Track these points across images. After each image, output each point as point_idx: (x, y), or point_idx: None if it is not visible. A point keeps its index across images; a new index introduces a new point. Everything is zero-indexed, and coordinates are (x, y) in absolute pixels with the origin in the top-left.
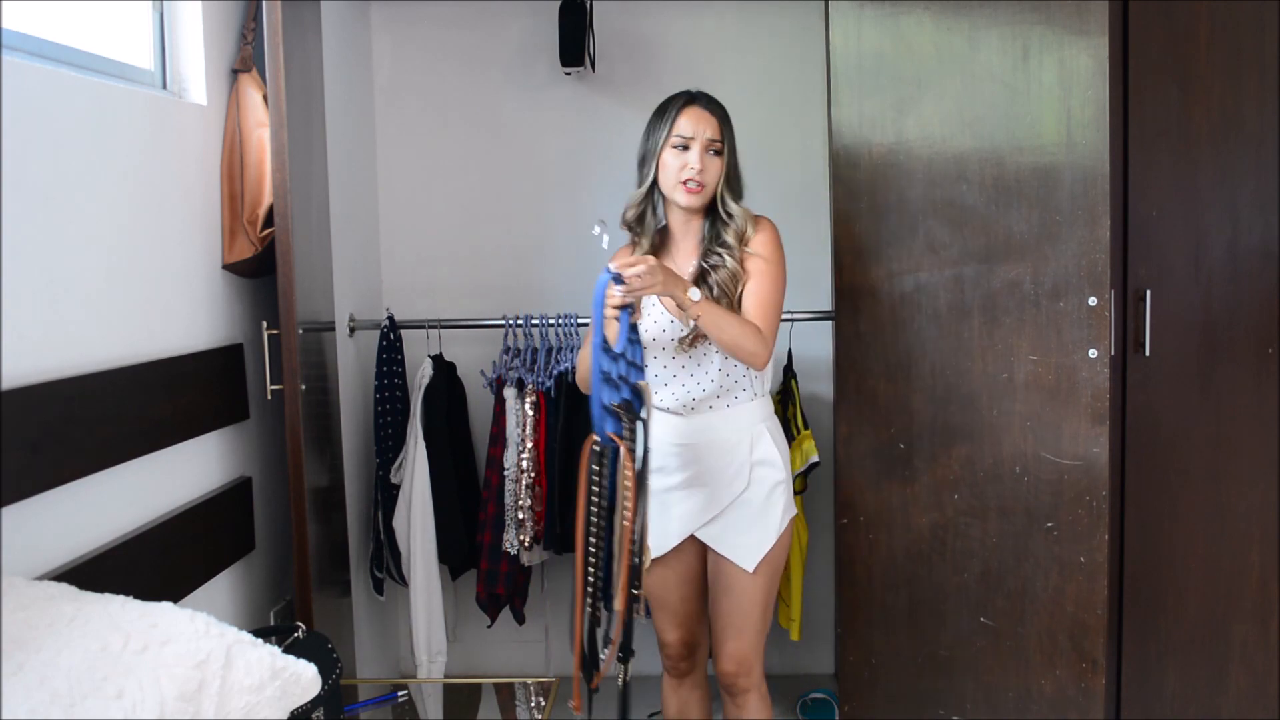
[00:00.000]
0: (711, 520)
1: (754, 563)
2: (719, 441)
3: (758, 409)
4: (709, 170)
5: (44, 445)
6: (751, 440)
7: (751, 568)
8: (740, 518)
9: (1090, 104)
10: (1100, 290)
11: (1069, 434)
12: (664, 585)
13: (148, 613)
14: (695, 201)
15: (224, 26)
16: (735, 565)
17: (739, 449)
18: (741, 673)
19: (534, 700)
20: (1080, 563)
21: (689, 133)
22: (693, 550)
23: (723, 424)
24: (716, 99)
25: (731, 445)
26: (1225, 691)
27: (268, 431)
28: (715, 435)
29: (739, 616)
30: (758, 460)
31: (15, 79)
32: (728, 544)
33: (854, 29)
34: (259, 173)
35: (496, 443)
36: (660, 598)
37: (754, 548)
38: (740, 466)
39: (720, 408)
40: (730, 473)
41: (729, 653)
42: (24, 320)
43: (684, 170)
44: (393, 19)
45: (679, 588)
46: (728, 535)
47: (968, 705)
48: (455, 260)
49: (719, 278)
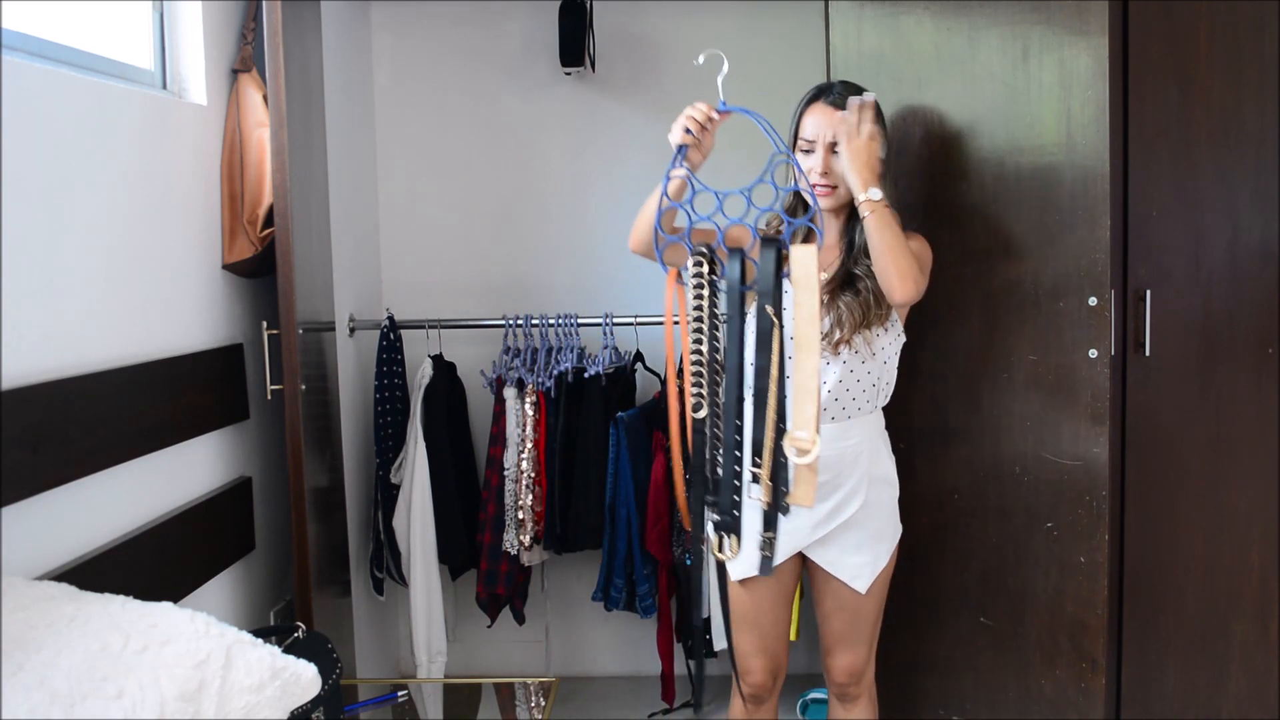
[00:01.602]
0: (823, 538)
1: (867, 584)
2: (837, 456)
3: (875, 421)
4: (835, 172)
5: (44, 445)
6: (871, 455)
7: (865, 590)
8: (856, 536)
9: (1090, 104)
10: (1100, 290)
11: (1069, 434)
12: (757, 607)
13: (148, 613)
14: (828, 203)
15: (224, 26)
16: (847, 586)
17: (859, 463)
18: (853, 682)
19: (534, 700)
20: (1080, 563)
21: (811, 135)
22: (791, 569)
23: (842, 437)
24: (848, 87)
25: (851, 459)
26: (1225, 691)
27: (268, 431)
28: (833, 449)
29: (853, 634)
30: (877, 476)
31: (15, 79)
32: (841, 564)
33: (854, 29)
34: (259, 173)
35: (496, 443)
36: (751, 620)
37: (868, 567)
38: (859, 482)
39: (842, 418)
40: (849, 488)
41: (843, 666)
42: (24, 320)
43: (811, 174)
44: (393, 19)
45: (774, 610)
46: (842, 555)
47: (968, 705)
48: (455, 260)
49: (869, 286)
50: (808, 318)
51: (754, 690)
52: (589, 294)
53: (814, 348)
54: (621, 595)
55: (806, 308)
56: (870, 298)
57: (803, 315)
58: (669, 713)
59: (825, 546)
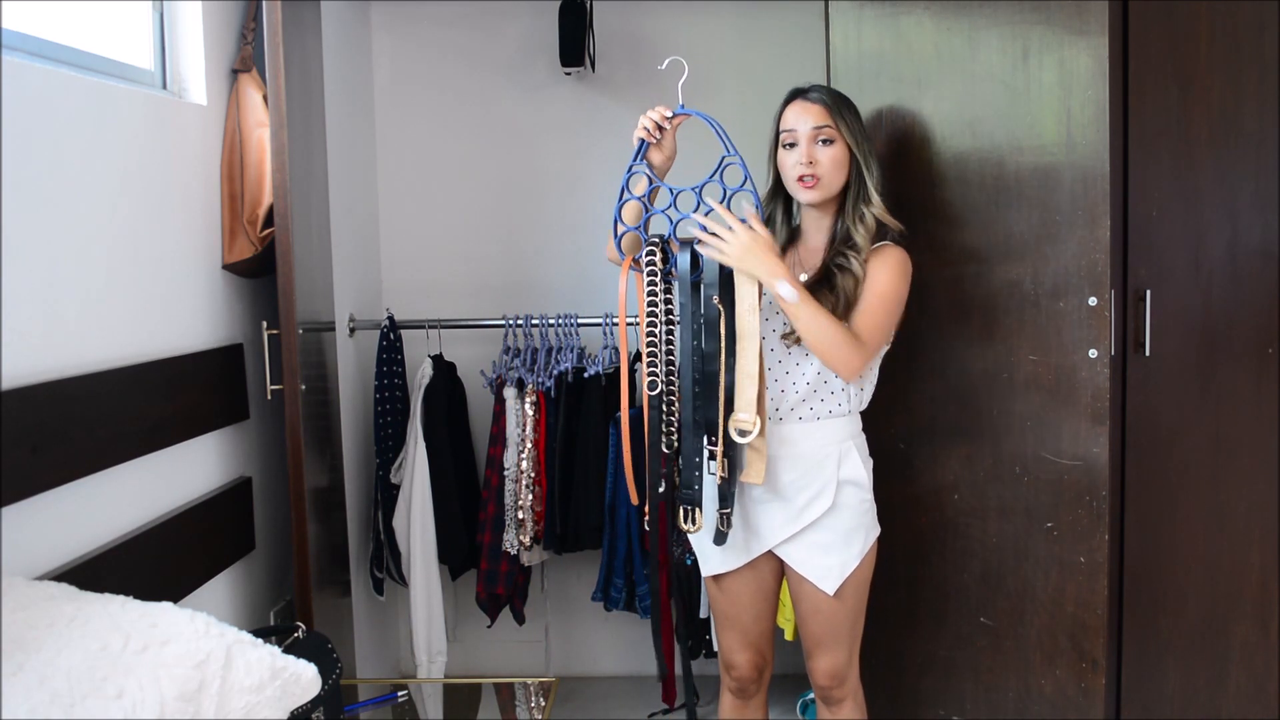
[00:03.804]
0: (792, 537)
1: (835, 586)
2: (806, 455)
3: (848, 425)
4: (821, 161)
5: (44, 445)
6: (840, 456)
7: (832, 591)
8: (823, 538)
9: (1090, 104)
10: (1100, 290)
11: (1069, 434)
12: (736, 602)
13: (148, 613)
14: (813, 196)
15: (224, 26)
16: (818, 588)
17: (826, 465)
18: (836, 684)
19: (534, 700)
20: (1080, 563)
21: (792, 125)
22: (769, 566)
23: (811, 436)
24: (827, 88)
25: (819, 460)
26: (1225, 691)
27: (268, 431)
28: (802, 448)
29: (829, 636)
30: (845, 479)
31: (15, 79)
32: (809, 565)
33: (854, 29)
34: (259, 173)
35: (496, 443)
36: (731, 615)
37: (836, 569)
38: (826, 484)
39: (810, 419)
40: (815, 489)
41: (823, 669)
42: (24, 320)
43: (795, 167)
44: (393, 19)
45: (753, 605)
46: (810, 555)
47: (968, 705)
48: (455, 260)
49: (843, 283)
50: (748, 309)
51: (738, 684)
52: (589, 294)
53: (753, 336)
54: (621, 595)
55: (746, 300)
56: (845, 295)
57: (743, 306)
58: (669, 713)
59: (794, 546)
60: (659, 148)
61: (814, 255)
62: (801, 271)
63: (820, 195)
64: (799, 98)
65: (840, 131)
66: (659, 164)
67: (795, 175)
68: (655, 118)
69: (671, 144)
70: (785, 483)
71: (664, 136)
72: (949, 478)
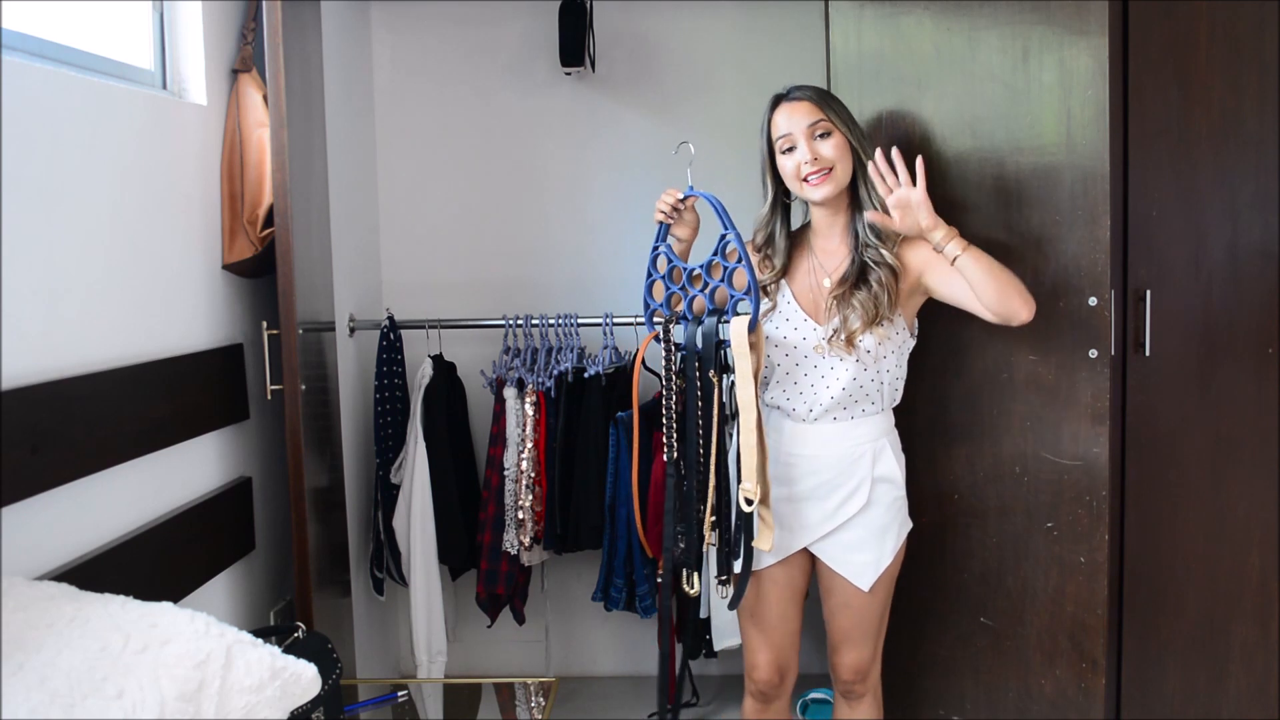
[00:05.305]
0: (827, 535)
1: (870, 582)
2: (842, 454)
3: (881, 422)
4: (825, 154)
5: (44, 445)
6: (874, 454)
7: (868, 587)
8: (859, 535)
9: (1090, 104)
10: (1100, 290)
11: (1069, 434)
12: (764, 601)
13: (148, 613)
14: (827, 190)
15: (224, 26)
16: (851, 583)
17: (861, 463)
18: (859, 679)
19: (534, 700)
20: (1080, 563)
21: (785, 129)
22: (800, 565)
23: (846, 435)
24: (807, 85)
25: (854, 459)
26: (1225, 691)
27: (268, 431)
28: (838, 447)
29: (857, 631)
30: (879, 476)
31: (15, 79)
32: (845, 562)
33: (854, 29)
34: (259, 173)
35: (496, 443)
36: (758, 613)
37: (871, 565)
38: (861, 481)
39: (845, 419)
40: (851, 487)
41: (848, 664)
42: (24, 320)
43: (801, 167)
44: (393, 19)
45: (779, 604)
46: (845, 552)
47: (968, 705)
48: (455, 260)
49: (880, 276)
50: (742, 382)
51: (759, 687)
52: (589, 294)
53: (750, 407)
54: (621, 595)
55: (740, 373)
56: (882, 292)
57: (738, 380)
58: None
59: (830, 543)
60: (681, 224)
61: (832, 256)
62: (825, 276)
63: (834, 188)
64: (783, 101)
65: (834, 123)
66: (685, 236)
67: (802, 175)
68: (671, 200)
69: (693, 216)
70: (821, 481)
71: (683, 213)
72: (949, 478)
